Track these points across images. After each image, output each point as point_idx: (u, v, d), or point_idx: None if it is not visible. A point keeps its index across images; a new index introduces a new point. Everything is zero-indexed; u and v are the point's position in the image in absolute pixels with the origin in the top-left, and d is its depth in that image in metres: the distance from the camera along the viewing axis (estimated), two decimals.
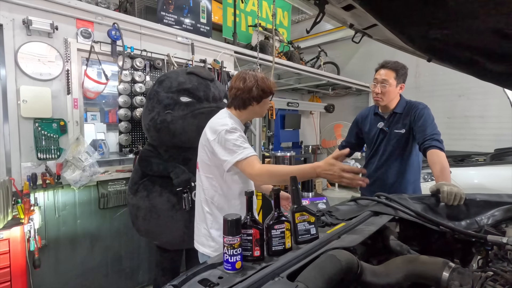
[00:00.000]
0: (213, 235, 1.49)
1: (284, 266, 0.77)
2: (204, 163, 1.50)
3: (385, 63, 1.98)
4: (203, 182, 1.52)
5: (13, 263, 1.77)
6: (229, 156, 1.33)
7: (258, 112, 1.54)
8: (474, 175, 3.28)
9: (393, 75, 1.93)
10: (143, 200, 2.07)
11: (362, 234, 0.97)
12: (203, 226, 1.54)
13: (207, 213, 1.51)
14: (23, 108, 2.08)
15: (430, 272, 0.79)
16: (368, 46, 5.81)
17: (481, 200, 1.31)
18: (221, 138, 1.36)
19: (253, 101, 1.47)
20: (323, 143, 6.41)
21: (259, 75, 1.48)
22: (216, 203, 1.48)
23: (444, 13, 0.87)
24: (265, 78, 1.49)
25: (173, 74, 2.14)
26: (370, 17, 1.03)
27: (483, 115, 4.95)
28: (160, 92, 2.05)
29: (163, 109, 2.01)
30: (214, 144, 1.39)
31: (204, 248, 1.52)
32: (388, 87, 1.93)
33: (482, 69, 1.18)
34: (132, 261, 2.69)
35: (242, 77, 1.48)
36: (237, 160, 1.31)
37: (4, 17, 2.03)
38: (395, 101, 2.01)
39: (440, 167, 1.60)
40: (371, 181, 2.10)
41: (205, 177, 1.50)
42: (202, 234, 1.54)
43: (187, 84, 2.03)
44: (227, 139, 1.35)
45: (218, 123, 1.43)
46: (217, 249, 1.47)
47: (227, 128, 1.36)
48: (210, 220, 1.50)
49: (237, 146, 1.33)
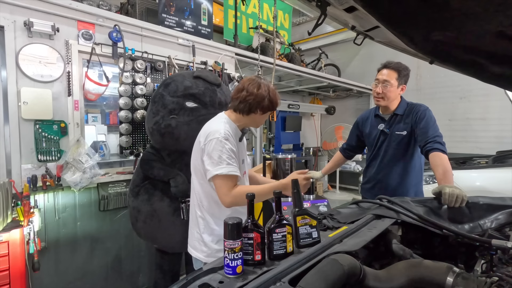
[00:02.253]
0: (205, 240, 1.48)
1: (286, 270, 0.76)
2: (196, 168, 1.48)
3: (387, 63, 1.98)
4: (195, 187, 1.51)
5: (12, 266, 1.76)
6: (212, 166, 1.34)
7: (257, 121, 1.54)
8: (476, 177, 3.27)
9: (395, 76, 1.93)
10: (144, 203, 2.05)
11: (365, 238, 0.96)
12: (196, 230, 1.53)
13: (200, 217, 1.50)
14: (24, 109, 2.07)
15: (434, 277, 0.78)
16: (369, 48, 5.82)
17: (484, 203, 1.29)
18: (210, 145, 1.36)
19: (259, 110, 1.47)
20: (324, 145, 6.40)
21: (271, 87, 1.50)
22: (207, 208, 1.47)
23: (446, 15, 0.86)
24: (276, 91, 1.51)
25: (179, 77, 2.09)
26: (372, 19, 1.03)
27: (484, 117, 4.94)
28: (166, 95, 2.01)
29: (168, 114, 1.98)
30: (204, 149, 1.39)
31: (197, 253, 1.51)
32: (390, 87, 1.93)
33: (485, 71, 1.18)
34: (132, 264, 2.68)
35: (257, 83, 1.46)
36: (217, 173, 1.32)
37: (6, 19, 2.04)
38: (395, 102, 2.00)
39: (442, 170, 1.59)
40: (373, 183, 2.09)
41: (198, 182, 1.49)
42: (195, 238, 1.53)
43: (193, 89, 2.00)
44: (215, 148, 1.34)
45: (212, 129, 1.41)
46: (209, 254, 1.47)
47: (218, 137, 1.35)
48: (202, 225, 1.49)
49: (221, 160, 1.33)
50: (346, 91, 6.44)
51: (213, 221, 1.47)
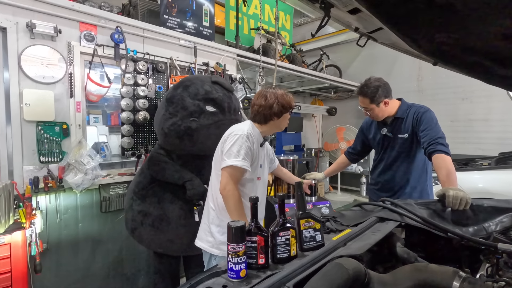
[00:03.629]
0: (212, 230, 1.58)
1: (290, 275, 0.75)
2: (216, 160, 1.61)
3: (359, 89, 2.00)
4: (213, 179, 1.64)
5: (14, 268, 1.75)
6: (229, 157, 1.47)
7: (279, 126, 1.66)
8: (478, 179, 3.25)
9: (368, 101, 1.95)
10: (153, 206, 2.01)
11: (369, 241, 0.95)
12: (204, 221, 1.65)
13: (211, 208, 1.62)
14: (26, 111, 2.07)
15: (439, 282, 0.77)
16: (370, 49, 5.81)
17: (488, 206, 1.28)
18: (233, 139, 1.50)
19: (274, 116, 1.60)
20: (325, 146, 6.38)
21: (279, 92, 1.62)
22: (221, 201, 1.53)
23: (452, 16, 0.86)
24: (284, 94, 1.63)
25: (198, 81, 2.07)
26: (376, 21, 1.02)
27: (487, 118, 4.91)
28: (186, 97, 1.98)
29: (189, 116, 1.94)
30: (225, 142, 1.53)
31: (202, 243, 1.61)
32: (372, 111, 1.98)
33: (489, 73, 1.17)
34: (133, 265, 2.67)
35: (264, 95, 1.61)
36: (230, 164, 1.44)
37: (8, 20, 2.04)
38: (393, 108, 2.00)
39: (446, 171, 1.58)
40: (379, 185, 2.11)
41: (215, 173, 1.60)
42: (203, 228, 1.65)
43: (213, 94, 2.01)
44: (236, 142, 1.48)
45: (237, 128, 1.58)
46: (213, 245, 1.57)
47: (241, 134, 1.51)
48: (213, 215, 1.60)
49: (239, 153, 1.46)
50: (348, 92, 6.42)
51: (224, 213, 1.54)
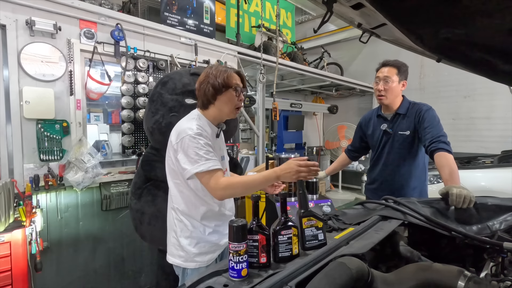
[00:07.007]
0: (182, 243, 1.39)
1: (292, 274, 0.74)
2: (170, 168, 1.40)
3: (386, 61, 2.00)
4: (172, 190, 1.44)
5: (14, 266, 1.75)
6: (189, 165, 1.26)
7: (223, 111, 1.40)
8: (481, 177, 3.23)
9: (395, 71, 1.94)
10: (148, 205, 2.02)
11: (372, 240, 0.94)
12: (172, 234, 1.45)
13: (176, 219, 1.42)
14: (26, 109, 2.06)
15: (444, 281, 0.76)
16: (371, 47, 5.77)
17: (492, 204, 1.27)
18: (184, 143, 1.28)
19: (211, 99, 1.37)
20: (327, 144, 6.36)
21: (212, 71, 1.37)
22: (184, 210, 1.39)
23: (457, 11, 0.84)
24: (220, 71, 1.36)
25: (176, 75, 2.10)
26: (379, 16, 1.00)
27: (489, 116, 4.89)
28: (164, 94, 2.01)
29: (168, 112, 1.97)
30: (177, 148, 1.31)
31: (174, 258, 1.43)
32: (391, 84, 1.94)
33: (495, 69, 1.15)
34: (134, 264, 2.67)
35: (201, 76, 1.39)
36: (197, 171, 1.24)
37: (7, 17, 2.03)
38: (398, 100, 1.99)
39: (449, 170, 1.56)
40: (377, 184, 2.07)
41: (173, 182, 1.41)
42: (172, 243, 1.45)
43: (192, 86, 1.99)
44: (190, 145, 1.26)
45: (184, 126, 1.33)
46: (187, 259, 1.39)
47: (191, 134, 1.28)
48: (179, 228, 1.41)
49: (199, 156, 1.25)
50: (349, 90, 6.39)
51: (190, 223, 1.39)
